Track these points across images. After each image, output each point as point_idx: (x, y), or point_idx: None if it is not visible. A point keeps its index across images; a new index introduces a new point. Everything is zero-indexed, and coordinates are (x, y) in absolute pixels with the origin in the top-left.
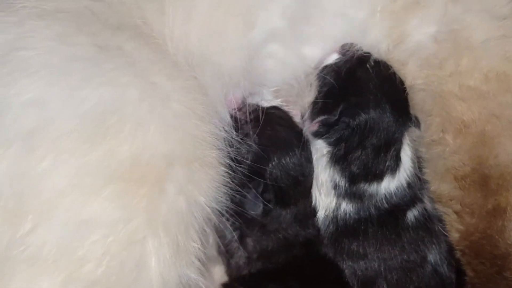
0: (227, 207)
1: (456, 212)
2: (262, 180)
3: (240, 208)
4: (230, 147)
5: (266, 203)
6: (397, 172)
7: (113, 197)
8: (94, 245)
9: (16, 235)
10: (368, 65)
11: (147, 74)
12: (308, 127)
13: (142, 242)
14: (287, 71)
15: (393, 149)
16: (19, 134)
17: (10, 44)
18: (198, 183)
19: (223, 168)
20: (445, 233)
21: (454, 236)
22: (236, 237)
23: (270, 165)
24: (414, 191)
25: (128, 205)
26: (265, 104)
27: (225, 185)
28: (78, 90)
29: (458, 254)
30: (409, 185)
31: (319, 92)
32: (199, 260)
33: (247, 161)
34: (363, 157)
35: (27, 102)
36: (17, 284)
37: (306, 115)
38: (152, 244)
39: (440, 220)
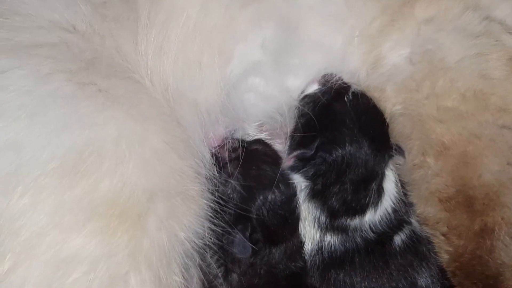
0: (213, 243)
1: (443, 234)
2: (249, 223)
3: (227, 247)
4: (214, 186)
5: (255, 243)
6: (380, 203)
7: (94, 234)
8: (75, 283)
9: None
10: (346, 98)
11: (124, 112)
12: (285, 162)
13: (125, 278)
14: (269, 104)
15: (374, 183)
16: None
17: None
18: (179, 218)
19: (206, 202)
20: (435, 255)
21: (443, 257)
22: (220, 273)
23: (256, 204)
24: (401, 215)
25: (110, 241)
26: (249, 138)
27: (209, 220)
28: (55, 131)
29: (449, 275)
30: (394, 211)
31: (297, 123)
32: None
33: (233, 201)
34: (342, 193)
35: (5, 145)
36: None
37: (285, 149)
38: (135, 279)
39: (429, 241)
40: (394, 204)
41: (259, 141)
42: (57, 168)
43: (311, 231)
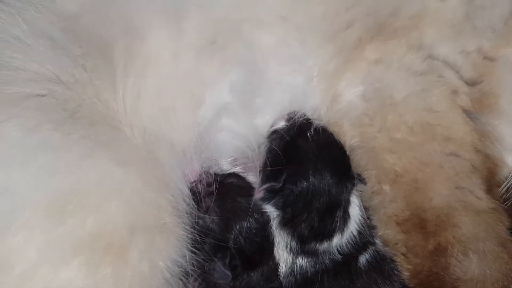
0: (194, 270)
1: (403, 254)
2: (228, 251)
3: (208, 275)
4: (194, 219)
5: (234, 269)
6: (347, 227)
7: (81, 266)
8: None
9: None
10: (308, 134)
11: (106, 157)
12: (256, 194)
13: None
14: (240, 141)
15: (339, 210)
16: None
17: None
18: (158, 249)
19: (184, 233)
20: (397, 272)
21: (405, 274)
22: None
23: (234, 234)
24: (365, 237)
25: (95, 272)
26: (224, 173)
27: (190, 250)
28: (44, 177)
29: None
30: (359, 233)
31: (266, 158)
32: None
33: (212, 232)
34: (310, 220)
35: (2, 188)
36: None
37: (258, 182)
38: None
39: (392, 260)
40: (359, 227)
41: (233, 175)
42: (46, 209)
43: (284, 255)
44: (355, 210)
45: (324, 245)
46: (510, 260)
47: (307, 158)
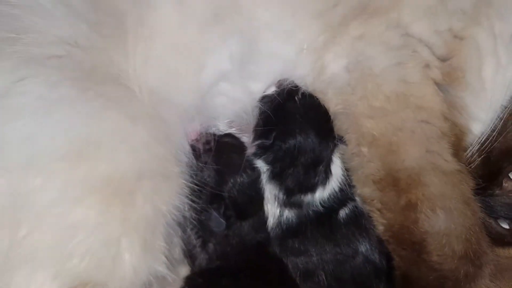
0: (192, 218)
1: (378, 210)
2: (222, 202)
3: (205, 223)
4: (193, 172)
5: (228, 219)
6: (328, 183)
7: (93, 206)
8: (78, 244)
9: (15, 239)
10: (296, 98)
11: (117, 112)
12: (249, 150)
13: (118, 241)
14: (237, 105)
15: (321, 166)
16: (17, 162)
17: (5, 91)
18: (162, 195)
19: (184, 182)
20: (373, 227)
21: (380, 228)
22: (199, 244)
23: (228, 186)
24: (346, 193)
25: (106, 212)
26: (220, 133)
27: (188, 198)
28: (64, 127)
29: (385, 243)
30: (341, 190)
31: (259, 120)
32: (166, 258)
33: (208, 184)
34: (296, 174)
35: (24, 138)
36: (17, 279)
37: (250, 140)
38: (125, 242)
39: (369, 216)
40: (340, 184)
41: (229, 135)
42: (64, 155)
43: (272, 207)
44: (337, 169)
45: (308, 198)
46: (472, 217)
47: (295, 119)
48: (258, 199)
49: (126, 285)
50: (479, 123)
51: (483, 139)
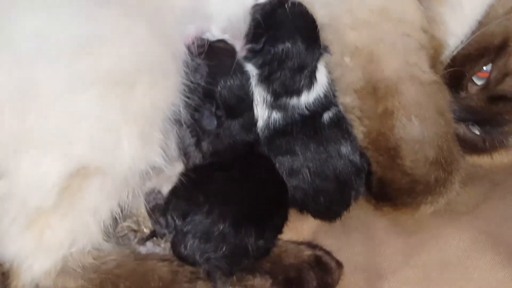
0: (187, 118)
1: (358, 118)
2: (214, 101)
3: (198, 120)
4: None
5: (219, 118)
6: (313, 88)
7: (96, 96)
8: (81, 131)
9: (23, 126)
10: (286, 6)
11: (120, 11)
12: (239, 53)
13: (117, 130)
14: (230, 12)
15: (306, 71)
16: (26, 54)
17: None
18: (160, 90)
19: (180, 79)
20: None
21: (359, 136)
22: (193, 142)
23: (219, 87)
24: (330, 99)
25: (107, 102)
26: (213, 38)
27: (183, 96)
28: (68, 22)
29: (363, 150)
30: (325, 96)
31: (250, 26)
32: (163, 150)
33: (201, 85)
34: (282, 78)
35: (32, 31)
36: (25, 162)
37: (241, 45)
38: (125, 131)
39: (350, 123)
40: (325, 91)
41: (221, 41)
42: (69, 48)
43: (261, 110)
44: (322, 77)
45: (294, 101)
46: (446, 126)
47: (284, 26)
48: (247, 100)
49: (124, 172)
50: (456, 37)
51: (455, 52)
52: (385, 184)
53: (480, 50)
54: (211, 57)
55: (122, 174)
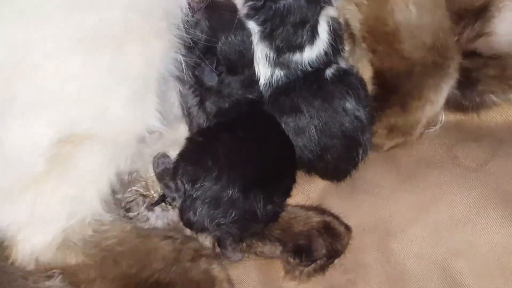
0: (189, 77)
1: (356, 5)
2: (215, 57)
3: (199, 75)
4: (187, 28)
5: (220, 74)
6: (315, 43)
7: (85, 56)
8: (70, 93)
9: (14, 90)
10: None
11: None
12: (241, 10)
13: (108, 91)
14: None
15: (308, 25)
16: (17, 15)
17: None
18: (151, 48)
19: (176, 39)
20: (361, 86)
21: (357, 26)
22: (196, 102)
23: (220, 43)
24: (329, 57)
25: (96, 62)
26: None
27: (181, 53)
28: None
29: (361, 40)
30: (325, 53)
31: None
32: (160, 113)
33: (201, 40)
34: (284, 33)
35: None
36: (14, 127)
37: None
38: (116, 92)
39: (356, 76)
40: (326, 48)
41: None
42: (56, 7)
43: (263, 68)
44: (324, 33)
45: (297, 57)
46: (442, 17)
47: None
48: (248, 56)
49: (118, 137)
50: None
51: None
52: (383, 74)
53: (461, 11)
54: (211, 12)
55: (115, 139)
